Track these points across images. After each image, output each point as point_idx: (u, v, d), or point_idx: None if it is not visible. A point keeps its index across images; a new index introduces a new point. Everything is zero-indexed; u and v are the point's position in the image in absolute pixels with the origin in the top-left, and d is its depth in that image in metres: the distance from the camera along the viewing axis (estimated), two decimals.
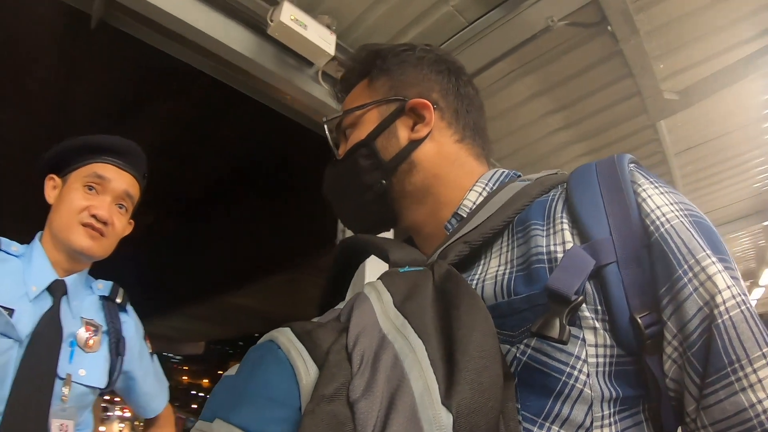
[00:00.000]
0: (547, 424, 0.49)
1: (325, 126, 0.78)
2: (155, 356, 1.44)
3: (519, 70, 2.22)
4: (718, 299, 0.46)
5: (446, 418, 0.37)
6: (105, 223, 1.18)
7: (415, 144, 0.70)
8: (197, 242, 6.54)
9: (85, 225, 1.16)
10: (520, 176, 0.69)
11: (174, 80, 3.23)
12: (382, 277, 0.50)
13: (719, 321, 0.46)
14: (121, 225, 1.26)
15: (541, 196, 0.60)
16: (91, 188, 1.19)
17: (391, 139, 0.71)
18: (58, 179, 1.24)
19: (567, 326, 0.46)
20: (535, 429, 0.49)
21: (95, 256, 1.21)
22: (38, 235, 1.23)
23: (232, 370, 0.46)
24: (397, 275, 0.50)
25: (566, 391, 0.49)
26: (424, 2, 1.86)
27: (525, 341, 0.51)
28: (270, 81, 1.98)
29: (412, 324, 0.43)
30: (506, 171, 0.71)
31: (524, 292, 0.52)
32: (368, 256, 0.65)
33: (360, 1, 1.87)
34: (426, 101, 0.71)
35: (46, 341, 1.09)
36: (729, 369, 0.45)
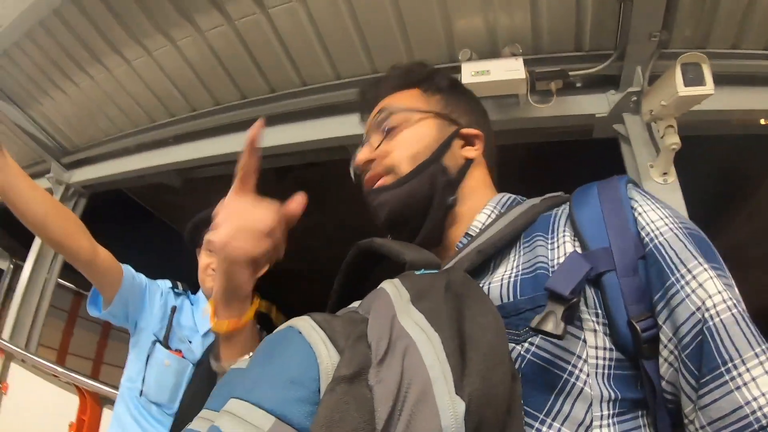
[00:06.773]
0: (549, 420, 0.51)
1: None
2: None
3: None
4: (709, 303, 0.49)
5: (459, 406, 0.38)
6: None
7: (469, 162, 0.77)
8: None
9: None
10: (524, 201, 0.73)
11: None
12: (400, 278, 0.52)
13: (711, 323, 0.49)
14: None
15: (547, 212, 0.66)
16: (210, 251, 1.61)
17: (455, 158, 0.76)
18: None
19: (563, 323, 0.48)
20: (537, 424, 0.51)
21: None
22: None
23: (242, 364, 0.49)
24: (414, 276, 0.53)
25: (567, 388, 0.52)
26: None
27: (529, 339, 0.54)
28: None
29: (429, 319, 0.44)
30: (513, 196, 0.76)
31: (529, 294, 0.56)
32: (383, 261, 0.65)
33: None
34: (479, 131, 0.79)
35: (207, 366, 1.56)
36: (723, 369, 0.47)
